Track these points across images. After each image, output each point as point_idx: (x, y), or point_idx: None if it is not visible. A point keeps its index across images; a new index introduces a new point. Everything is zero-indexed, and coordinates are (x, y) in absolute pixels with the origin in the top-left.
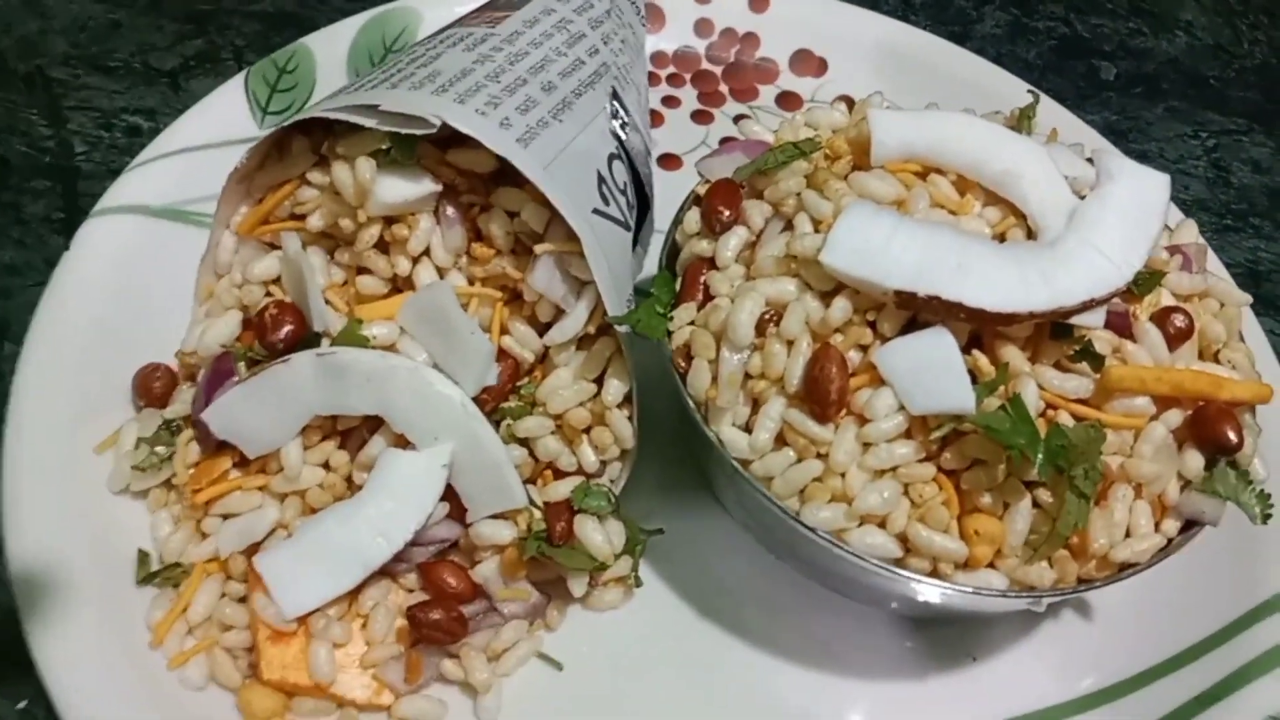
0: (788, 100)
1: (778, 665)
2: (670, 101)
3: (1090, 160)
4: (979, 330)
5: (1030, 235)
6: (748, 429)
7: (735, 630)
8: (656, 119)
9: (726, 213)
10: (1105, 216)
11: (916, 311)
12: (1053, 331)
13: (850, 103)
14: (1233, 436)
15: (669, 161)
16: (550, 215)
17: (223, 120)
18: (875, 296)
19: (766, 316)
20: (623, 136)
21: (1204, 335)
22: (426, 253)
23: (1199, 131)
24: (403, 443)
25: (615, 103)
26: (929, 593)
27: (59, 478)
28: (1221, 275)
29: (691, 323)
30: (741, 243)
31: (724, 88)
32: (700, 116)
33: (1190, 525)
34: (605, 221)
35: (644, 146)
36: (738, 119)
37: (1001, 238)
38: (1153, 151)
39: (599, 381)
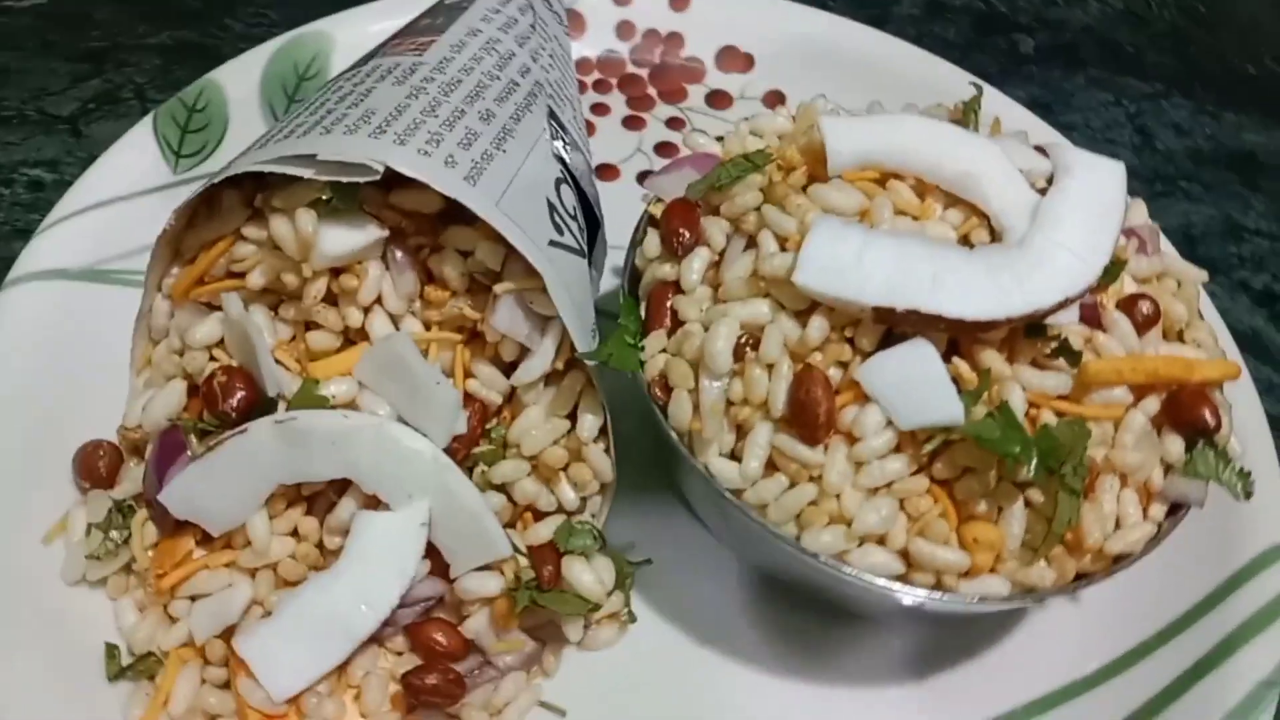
0: (717, 99)
1: (779, 683)
2: (599, 109)
3: (1038, 149)
4: (955, 337)
5: (994, 235)
6: (733, 456)
7: (733, 653)
8: (589, 129)
9: (687, 234)
10: (1068, 213)
11: (894, 325)
12: (1027, 330)
13: (781, 100)
14: (1210, 419)
15: (606, 172)
16: (506, 251)
17: (134, 169)
18: (851, 312)
19: (743, 341)
20: (566, 158)
21: (1167, 316)
22: (378, 301)
23: (1120, 99)
24: (374, 503)
25: (553, 123)
26: (935, 605)
27: (6, 573)
28: (1171, 253)
29: (664, 351)
30: (705, 264)
31: (652, 90)
32: (632, 122)
33: (1175, 509)
34: (562, 252)
35: (586, 165)
36: (670, 122)
37: (966, 239)
38: (1079, 123)
39: (571, 417)
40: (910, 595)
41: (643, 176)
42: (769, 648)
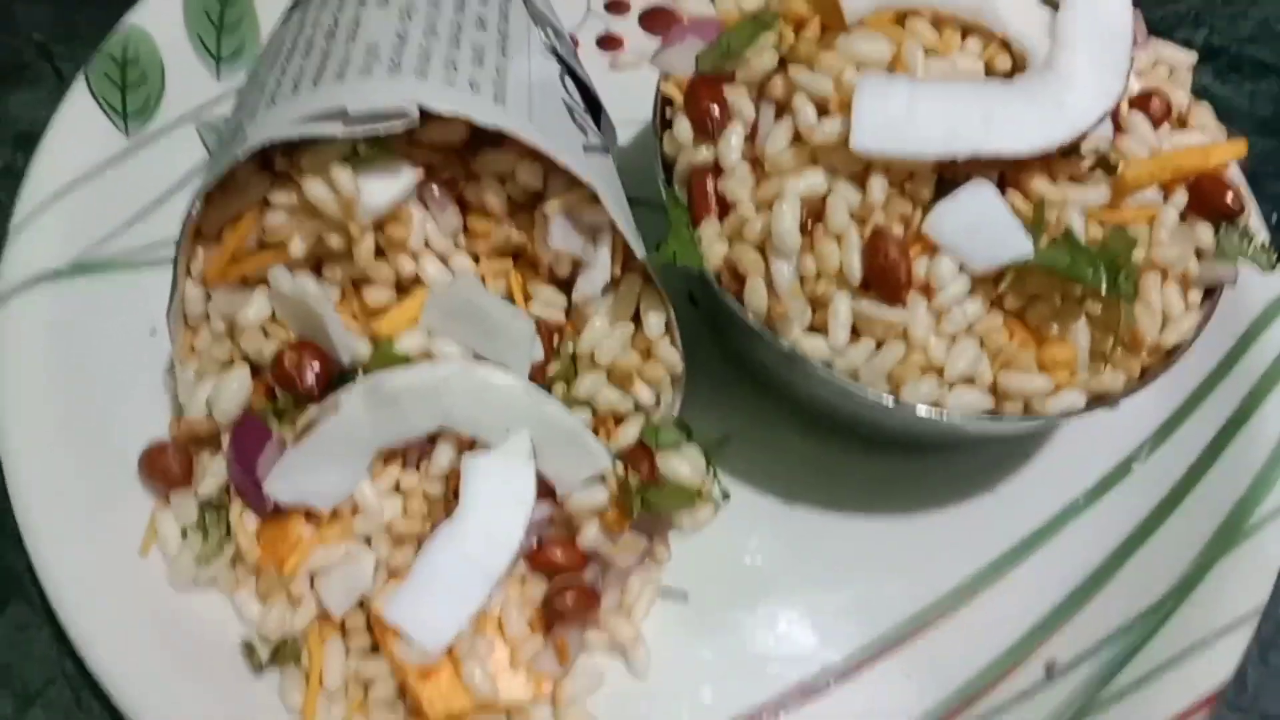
0: None
1: (864, 521)
2: None
3: None
4: (1005, 171)
5: (1014, 58)
6: (812, 329)
7: (823, 505)
8: None
9: (717, 111)
10: (1085, 28)
11: (954, 172)
12: (1061, 150)
13: None
14: (1234, 203)
15: None
16: (545, 168)
17: (85, 144)
18: (907, 166)
19: (802, 214)
20: (557, 47)
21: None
22: (426, 244)
23: None
24: (468, 444)
25: (530, 10)
26: (1029, 428)
27: (116, 595)
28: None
29: (719, 237)
30: (741, 140)
31: None
32: None
33: (1209, 293)
34: (595, 155)
35: (570, 48)
36: None
37: (989, 67)
38: None
39: (634, 317)
40: (1008, 426)
41: (604, 41)
42: (851, 494)
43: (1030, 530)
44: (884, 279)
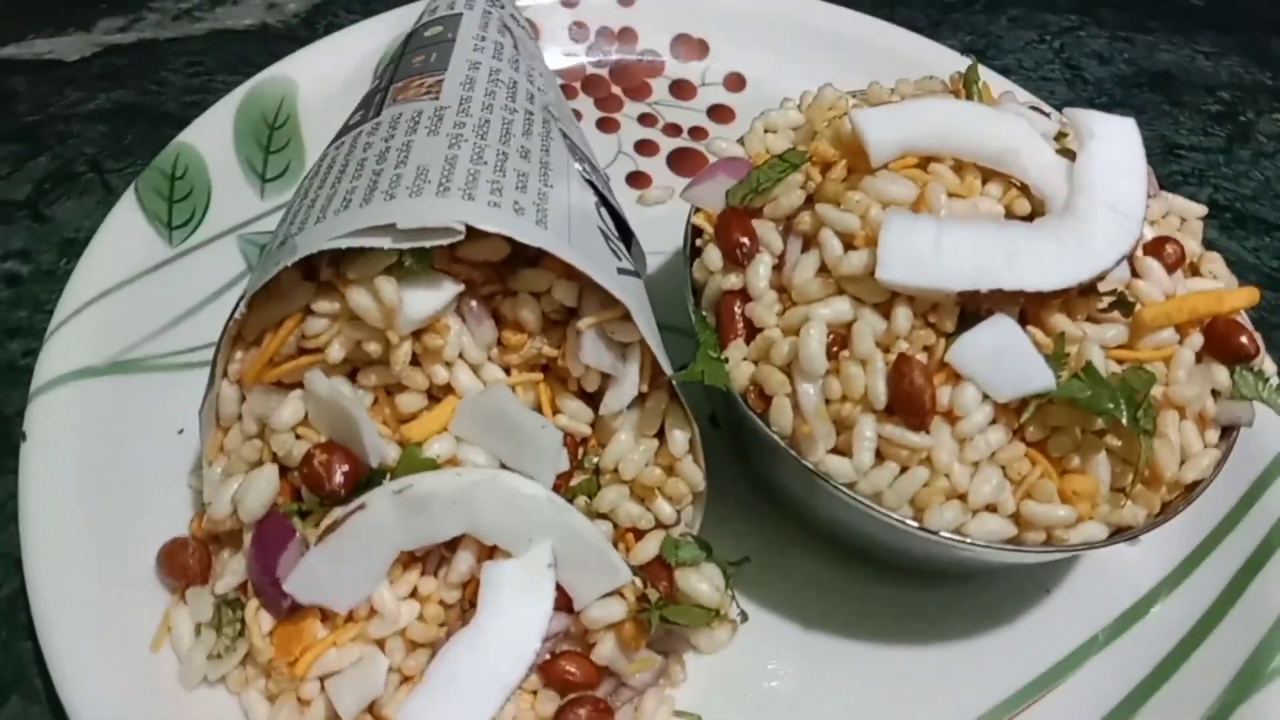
0: (681, 89)
1: (890, 652)
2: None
3: (1035, 109)
4: (1026, 307)
5: (1032, 202)
6: (835, 451)
7: (841, 631)
8: None
9: (748, 242)
10: (1103, 174)
11: (977, 305)
12: (1080, 289)
13: (741, 83)
14: (1249, 345)
15: None
16: (580, 287)
17: (129, 251)
18: (930, 298)
19: (828, 340)
20: (592, 180)
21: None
22: (460, 354)
23: (1043, 35)
24: (488, 552)
25: (569, 145)
26: (1050, 558)
27: (125, 690)
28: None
29: (745, 359)
30: (769, 269)
31: (616, 89)
32: (606, 125)
33: (1225, 432)
34: (628, 278)
35: (604, 181)
36: (642, 118)
37: (1009, 210)
38: (1013, 65)
39: (658, 434)
40: (1030, 555)
41: (632, 178)
42: (871, 621)
43: (1048, 665)
44: (909, 404)
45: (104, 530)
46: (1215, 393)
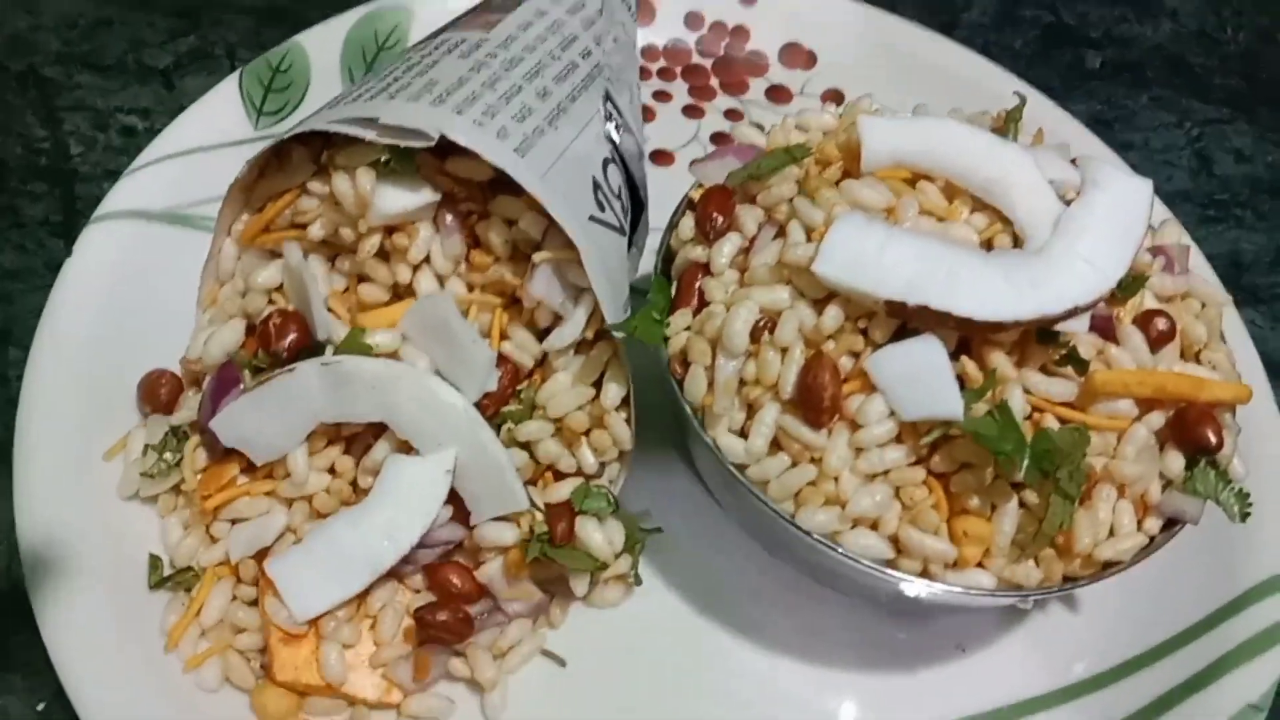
0: (777, 93)
1: (774, 658)
2: (661, 96)
3: (1074, 161)
4: (967, 336)
5: (1017, 241)
6: (743, 434)
7: (733, 624)
8: (648, 114)
9: (720, 219)
10: (1091, 225)
11: (906, 320)
12: (1038, 336)
13: (839, 99)
14: (1213, 438)
15: (661, 158)
16: (548, 223)
17: (218, 122)
18: (867, 304)
19: (761, 324)
20: (616, 139)
21: (1185, 336)
22: (426, 260)
23: (1183, 120)
24: (406, 448)
25: (609, 105)
26: (920, 591)
27: (69, 483)
28: (1204, 273)
29: (687, 329)
30: (735, 249)
31: (714, 81)
32: (691, 111)
33: (1171, 524)
34: (601, 228)
35: (637, 148)
36: (728, 113)
37: (988, 244)
38: (1138, 142)
39: (597, 385)
40: (895, 579)
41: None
42: (768, 623)
43: None
44: (809, 399)
45: (112, 353)
46: (1169, 481)
